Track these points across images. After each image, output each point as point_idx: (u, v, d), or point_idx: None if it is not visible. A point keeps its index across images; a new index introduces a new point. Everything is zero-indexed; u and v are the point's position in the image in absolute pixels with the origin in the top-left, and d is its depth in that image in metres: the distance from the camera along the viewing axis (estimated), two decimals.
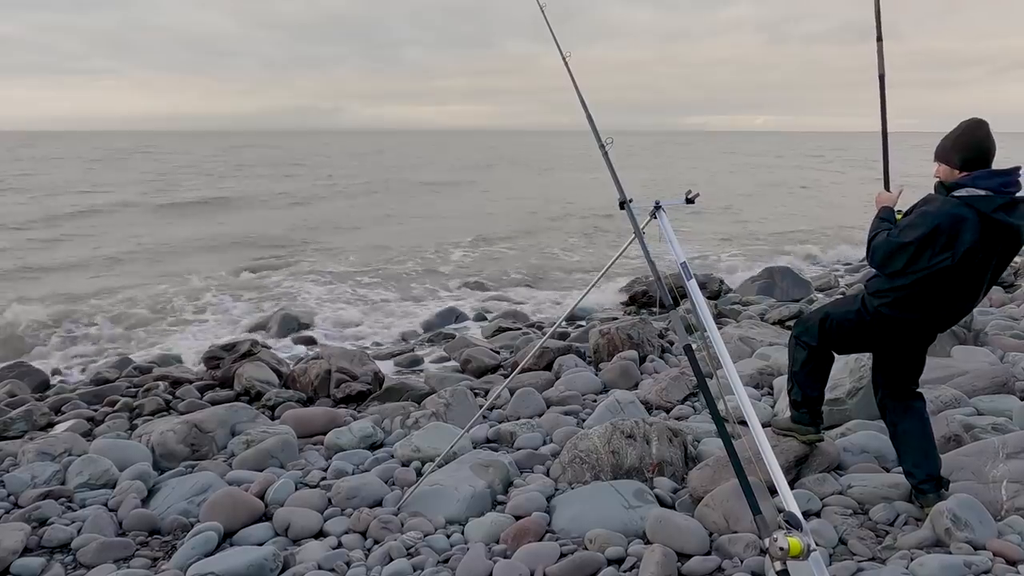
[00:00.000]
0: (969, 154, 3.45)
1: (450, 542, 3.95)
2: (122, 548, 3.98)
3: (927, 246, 3.40)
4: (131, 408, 6.80)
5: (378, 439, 5.51)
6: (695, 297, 3.16)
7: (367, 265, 15.56)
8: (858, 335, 3.84)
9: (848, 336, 3.88)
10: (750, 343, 7.75)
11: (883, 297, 3.65)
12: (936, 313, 3.61)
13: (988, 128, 3.50)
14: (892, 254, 3.50)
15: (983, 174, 3.42)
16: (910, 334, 3.73)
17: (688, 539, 3.71)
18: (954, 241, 3.37)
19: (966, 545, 3.51)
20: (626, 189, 3.74)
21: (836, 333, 3.90)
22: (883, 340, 3.80)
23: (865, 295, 3.77)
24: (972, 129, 3.50)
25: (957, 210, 3.38)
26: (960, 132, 3.52)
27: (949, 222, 3.37)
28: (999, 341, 7.28)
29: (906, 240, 3.45)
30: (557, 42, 4.07)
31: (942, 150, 3.56)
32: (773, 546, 2.23)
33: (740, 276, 13.90)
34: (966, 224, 3.36)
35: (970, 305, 3.65)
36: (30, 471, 4.78)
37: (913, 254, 3.43)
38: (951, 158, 3.51)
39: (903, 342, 3.78)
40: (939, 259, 3.40)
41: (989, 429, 4.74)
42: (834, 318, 3.91)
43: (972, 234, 3.36)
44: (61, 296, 12.46)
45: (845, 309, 3.91)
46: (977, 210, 3.36)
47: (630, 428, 4.55)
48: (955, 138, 3.53)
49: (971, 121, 3.52)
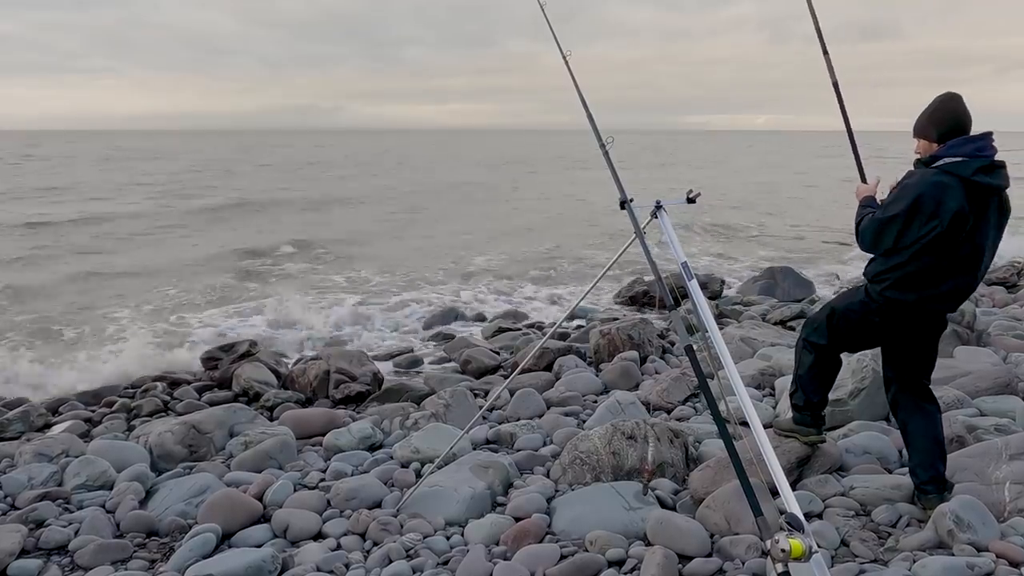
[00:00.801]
0: (945, 127, 3.53)
1: (450, 544, 3.94)
2: (120, 550, 3.97)
3: (913, 217, 3.45)
4: (129, 409, 6.78)
5: (377, 440, 5.50)
6: (696, 297, 3.14)
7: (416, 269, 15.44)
8: (866, 326, 3.80)
9: (856, 328, 3.84)
10: (751, 343, 7.73)
11: (884, 280, 3.64)
12: (940, 288, 3.58)
13: (962, 100, 3.57)
14: (880, 231, 3.55)
15: (957, 142, 3.49)
16: (919, 317, 3.68)
17: (689, 541, 3.70)
18: (940, 208, 3.41)
19: (969, 547, 3.49)
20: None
21: (844, 327, 3.87)
22: (892, 328, 3.75)
23: (867, 284, 3.76)
24: (946, 102, 3.58)
25: (937, 178, 3.45)
26: (935, 106, 3.59)
27: (931, 191, 3.43)
28: (1002, 342, 7.27)
29: (891, 214, 3.51)
30: (557, 41, 4.08)
31: (919, 125, 3.64)
32: (775, 548, 2.21)
33: (742, 276, 13.86)
34: (949, 191, 3.41)
35: (973, 279, 3.63)
36: (27, 472, 4.77)
37: (902, 227, 3.48)
38: (928, 132, 3.58)
39: (913, 328, 3.73)
40: (928, 227, 3.43)
41: (992, 430, 4.72)
42: (840, 312, 3.88)
43: (957, 200, 3.41)
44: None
45: (849, 300, 3.89)
46: (958, 176, 3.43)
47: (631, 429, 4.54)
48: (931, 112, 3.60)
49: (945, 95, 3.61)
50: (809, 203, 30.22)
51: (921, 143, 3.63)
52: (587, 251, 17.72)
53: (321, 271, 15.42)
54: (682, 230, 18.82)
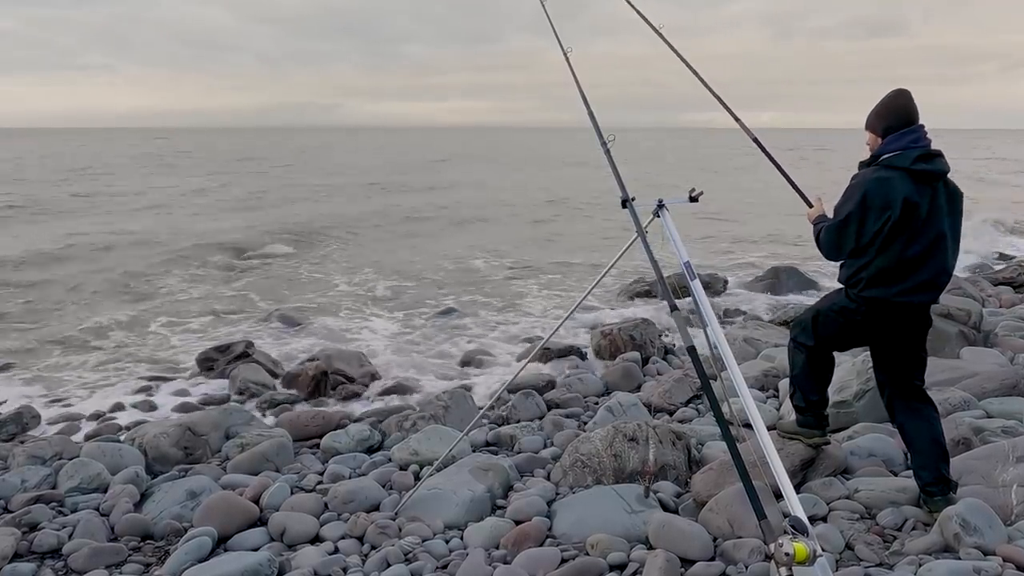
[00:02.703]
0: (889, 121, 3.63)
1: (449, 547, 3.92)
2: (114, 554, 3.94)
3: (866, 213, 3.53)
4: (123, 410, 6.71)
5: (375, 442, 5.48)
6: (699, 297, 3.12)
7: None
8: (850, 326, 3.82)
9: (841, 329, 3.87)
10: (755, 344, 7.70)
11: (858, 281, 3.69)
12: (914, 279, 3.60)
13: (910, 96, 3.66)
14: (839, 234, 3.63)
15: (892, 137, 3.61)
16: (900, 313, 3.69)
17: (691, 544, 3.68)
18: (888, 201, 3.50)
19: (975, 550, 3.46)
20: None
21: (829, 328, 3.90)
22: (876, 326, 3.76)
23: (845, 288, 3.80)
24: (893, 98, 3.67)
25: (879, 173, 3.56)
26: (883, 101, 3.69)
27: (876, 186, 3.53)
28: (1008, 342, 7.25)
29: (843, 216, 3.60)
30: (558, 37, 4.09)
31: (868, 120, 3.73)
32: (778, 551, 2.19)
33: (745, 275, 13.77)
34: (892, 182, 3.51)
35: (943, 266, 3.66)
36: (20, 475, 4.74)
37: (858, 225, 3.56)
38: (875, 126, 3.69)
39: (897, 325, 3.73)
40: (883, 219, 3.52)
41: (999, 432, 4.69)
42: (824, 313, 3.92)
43: (902, 189, 3.50)
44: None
45: (832, 302, 3.93)
46: (899, 168, 3.53)
47: (632, 431, 4.52)
48: (878, 107, 3.70)
49: (894, 91, 3.70)
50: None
51: (869, 136, 3.74)
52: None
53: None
54: (684, 229, 18.61)
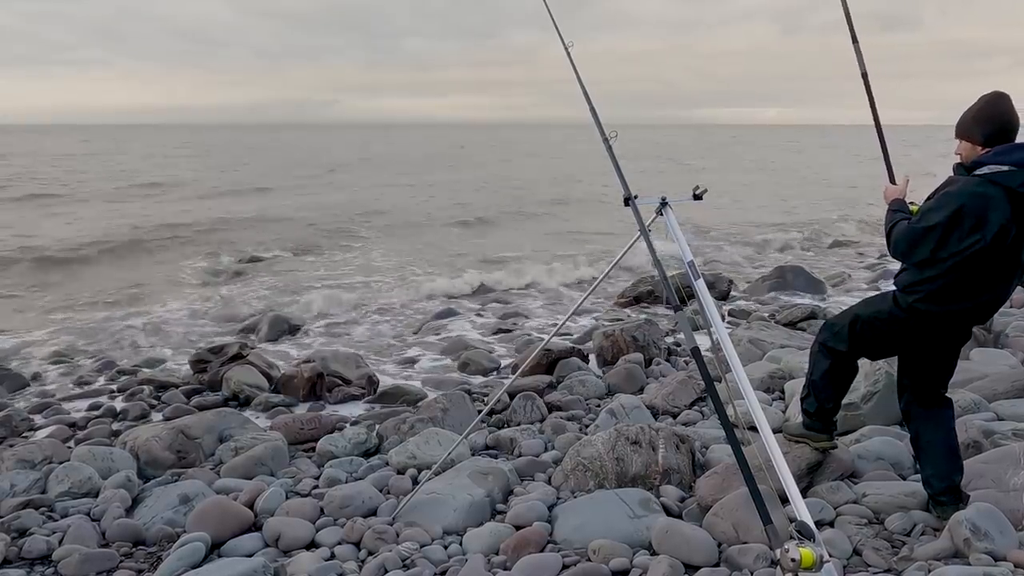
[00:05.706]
0: (991, 128, 3.35)
1: (447, 553, 3.91)
2: (105, 560, 3.92)
3: (953, 228, 3.30)
4: (115, 413, 6.68)
5: (372, 446, 5.46)
6: (703, 297, 3.10)
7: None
8: (891, 335, 3.69)
9: (881, 337, 3.73)
10: (760, 345, 7.66)
11: (916, 291, 3.51)
12: (973, 301, 3.46)
13: (1011, 101, 3.40)
14: (916, 241, 3.40)
15: (1004, 149, 3.32)
16: (948, 329, 3.59)
17: (696, 550, 3.66)
18: (983, 222, 3.27)
19: (986, 556, 3.43)
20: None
21: (868, 335, 3.75)
22: (918, 339, 3.65)
23: (896, 293, 3.64)
24: (994, 102, 3.40)
25: (981, 188, 3.30)
26: (981, 105, 3.43)
27: (974, 202, 3.29)
28: (1020, 344, 7.21)
29: (929, 224, 3.35)
30: (559, 31, 4.11)
31: (963, 125, 3.46)
32: (785, 557, 2.19)
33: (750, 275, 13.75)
34: (993, 202, 3.26)
35: (1007, 289, 3.51)
36: (9, 479, 4.69)
37: (940, 239, 3.33)
38: (973, 133, 3.40)
39: (939, 339, 3.63)
40: (970, 241, 3.29)
41: (1010, 435, 4.65)
42: (864, 319, 3.76)
43: (1002, 212, 3.26)
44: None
45: (876, 309, 3.76)
46: (1003, 186, 3.27)
47: (635, 434, 4.50)
48: (976, 111, 3.42)
49: (992, 94, 3.44)
50: (813, 201, 30.17)
51: (963, 144, 3.45)
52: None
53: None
54: (688, 227, 18.61)
